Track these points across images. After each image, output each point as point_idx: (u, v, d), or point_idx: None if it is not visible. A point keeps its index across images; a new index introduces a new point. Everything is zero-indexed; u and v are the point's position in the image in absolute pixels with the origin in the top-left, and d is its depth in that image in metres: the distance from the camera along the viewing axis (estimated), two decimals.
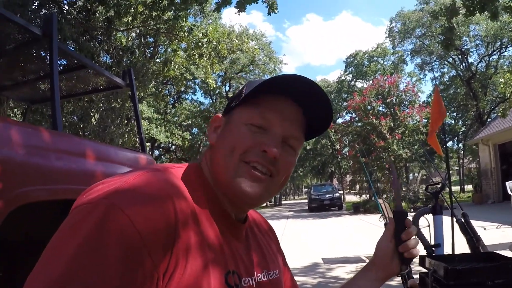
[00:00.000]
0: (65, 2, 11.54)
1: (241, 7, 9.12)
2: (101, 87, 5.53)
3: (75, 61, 4.57)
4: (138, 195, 0.80)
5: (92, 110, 13.70)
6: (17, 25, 3.44)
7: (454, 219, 2.34)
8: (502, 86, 12.64)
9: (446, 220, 2.44)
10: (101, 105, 14.23)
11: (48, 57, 4.20)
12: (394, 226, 1.29)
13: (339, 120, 41.68)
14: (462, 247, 2.22)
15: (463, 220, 2.22)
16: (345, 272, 8.03)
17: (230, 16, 55.76)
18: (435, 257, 1.68)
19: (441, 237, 2.16)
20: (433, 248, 2.11)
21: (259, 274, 1.07)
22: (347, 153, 33.11)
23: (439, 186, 2.35)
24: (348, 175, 44.85)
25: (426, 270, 1.64)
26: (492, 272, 1.48)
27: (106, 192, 0.80)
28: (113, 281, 0.70)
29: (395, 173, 1.80)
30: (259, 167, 0.98)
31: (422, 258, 1.72)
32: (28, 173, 2.64)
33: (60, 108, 3.52)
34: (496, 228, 11.21)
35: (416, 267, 1.51)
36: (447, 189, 2.69)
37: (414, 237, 1.28)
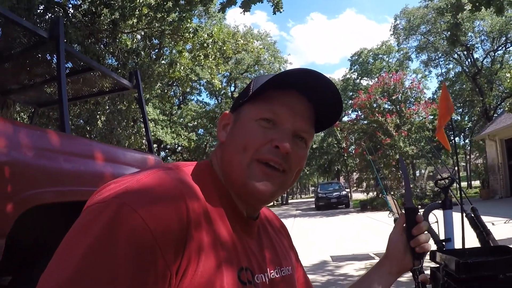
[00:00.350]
0: (70, 5, 11.60)
1: (246, 7, 9.09)
2: (108, 89, 5.56)
3: (82, 63, 4.60)
4: (150, 194, 0.79)
5: (99, 112, 13.73)
6: (24, 28, 3.47)
7: (464, 214, 2.34)
8: (508, 81, 12.58)
9: (455, 215, 2.44)
10: (107, 107, 14.26)
11: (55, 59, 4.23)
12: (404, 220, 1.31)
13: (345, 118, 41.63)
14: (472, 241, 2.21)
15: (472, 215, 2.21)
16: (353, 269, 8.02)
17: (234, 17, 55.82)
18: (446, 252, 1.67)
19: (451, 231, 2.14)
20: (443, 243, 2.10)
21: (272, 271, 1.06)
22: (353, 151, 33.04)
23: (448, 181, 2.34)
24: (354, 173, 44.75)
25: (437, 265, 1.64)
26: (503, 265, 1.47)
27: (117, 192, 0.80)
28: (124, 281, 0.70)
29: (405, 169, 1.81)
30: (272, 163, 0.98)
31: (432, 253, 1.71)
32: (37, 175, 2.66)
33: (68, 110, 3.54)
34: (505, 223, 11.16)
35: (426, 263, 1.51)
36: (455, 184, 2.69)
37: (425, 232, 1.29)
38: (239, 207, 1.02)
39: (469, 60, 36.22)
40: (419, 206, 19.30)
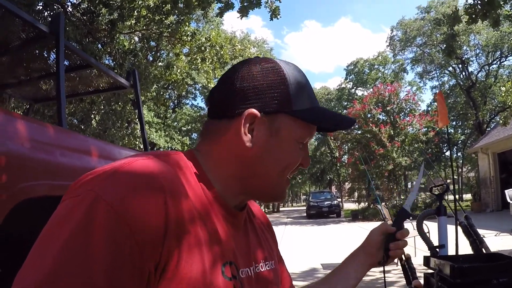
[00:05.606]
0: (69, 3, 11.62)
1: (243, 12, 9.12)
2: (106, 88, 5.55)
3: (80, 60, 4.59)
4: (127, 187, 0.76)
5: (94, 112, 13.73)
6: (24, 21, 3.46)
7: (457, 222, 2.35)
8: (503, 94, 12.71)
9: (448, 226, 2.46)
10: (103, 107, 14.26)
11: (54, 55, 4.22)
12: (392, 224, 1.40)
13: None
14: (465, 249, 2.23)
15: (466, 223, 2.23)
16: None
17: (231, 22, 56.07)
18: (440, 257, 1.69)
19: (445, 238, 2.17)
20: (437, 250, 2.12)
21: (258, 264, 1.06)
22: (346, 161, 33.15)
23: (442, 188, 2.36)
24: (347, 183, 44.86)
25: (430, 271, 1.66)
26: (497, 270, 1.49)
27: (93, 184, 0.77)
28: (100, 278, 0.68)
29: (421, 176, 1.85)
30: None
31: (427, 259, 1.73)
32: (30, 167, 2.63)
33: (65, 106, 3.54)
34: (495, 236, 11.22)
35: (418, 268, 1.53)
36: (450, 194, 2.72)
37: (405, 240, 1.39)
38: (225, 198, 0.99)
39: (463, 73, 36.46)
40: (411, 218, 19.36)
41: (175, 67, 15.52)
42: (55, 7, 10.15)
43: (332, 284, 1.40)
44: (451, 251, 2.49)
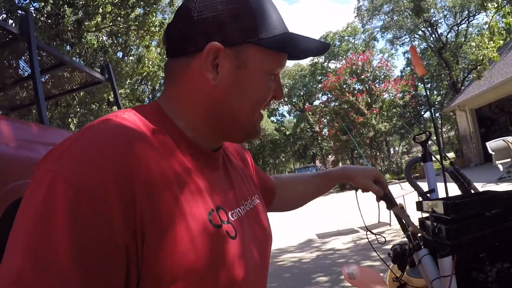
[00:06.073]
0: (32, 8, 11.39)
1: None
2: (82, 84, 5.51)
3: (53, 59, 4.54)
4: (83, 159, 0.71)
5: (71, 115, 13.58)
6: None
7: (444, 168, 2.40)
8: (474, 49, 12.85)
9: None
10: (79, 109, 14.10)
11: (26, 56, 4.18)
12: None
13: (316, 102, 41.88)
14: (455, 193, 2.29)
15: (452, 169, 2.28)
16: (341, 243, 8.16)
17: None
18: (432, 200, 1.74)
19: (434, 182, 2.21)
20: (428, 194, 2.17)
21: (246, 202, 1.02)
22: (326, 134, 33.29)
23: (425, 135, 2.41)
24: (330, 156, 45.10)
25: (425, 215, 1.69)
26: (489, 202, 1.53)
27: (50, 163, 0.72)
28: (71, 267, 0.64)
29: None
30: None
31: (419, 203, 1.76)
32: (17, 167, 2.62)
33: (45, 104, 3.53)
34: (482, 187, 11.43)
35: (412, 212, 1.58)
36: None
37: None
38: (199, 143, 0.92)
39: (433, 36, 36.67)
40: (397, 179, 19.55)
41: (146, 59, 15.39)
42: (18, 13, 9.98)
43: (298, 183, 1.59)
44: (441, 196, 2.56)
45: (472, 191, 2.19)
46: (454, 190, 2.18)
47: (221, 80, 0.87)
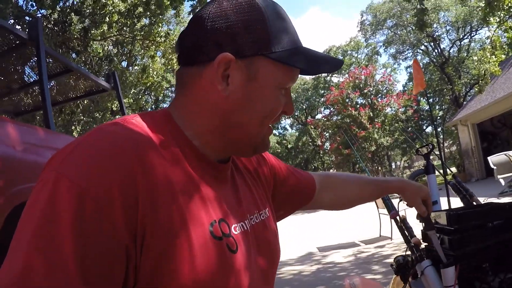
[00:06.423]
0: (40, 15, 11.47)
1: None
2: (88, 92, 5.53)
3: (61, 65, 4.57)
4: (90, 160, 0.71)
5: (74, 123, 13.61)
6: (2, 28, 3.45)
7: (447, 181, 2.41)
8: (476, 63, 12.88)
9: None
10: (83, 117, 14.14)
11: (33, 62, 4.20)
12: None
13: (318, 116, 41.91)
14: (457, 206, 2.29)
15: (454, 182, 2.29)
16: (342, 256, 8.11)
17: None
18: (435, 212, 1.75)
19: (436, 194, 2.23)
20: None
21: (252, 216, 1.00)
22: (328, 147, 33.27)
23: (428, 148, 2.42)
24: (331, 169, 45.00)
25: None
26: (491, 214, 1.54)
27: (56, 164, 0.73)
28: (74, 269, 0.65)
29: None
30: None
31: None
32: (23, 171, 2.63)
33: (51, 109, 3.55)
34: (483, 201, 11.35)
35: (416, 225, 1.59)
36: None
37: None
38: (206, 154, 0.91)
39: (436, 50, 36.79)
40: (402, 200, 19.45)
41: (150, 70, 15.43)
42: (26, 19, 10.06)
43: (351, 184, 1.53)
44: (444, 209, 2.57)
45: (474, 203, 2.20)
46: (456, 203, 2.19)
47: (231, 91, 0.87)
